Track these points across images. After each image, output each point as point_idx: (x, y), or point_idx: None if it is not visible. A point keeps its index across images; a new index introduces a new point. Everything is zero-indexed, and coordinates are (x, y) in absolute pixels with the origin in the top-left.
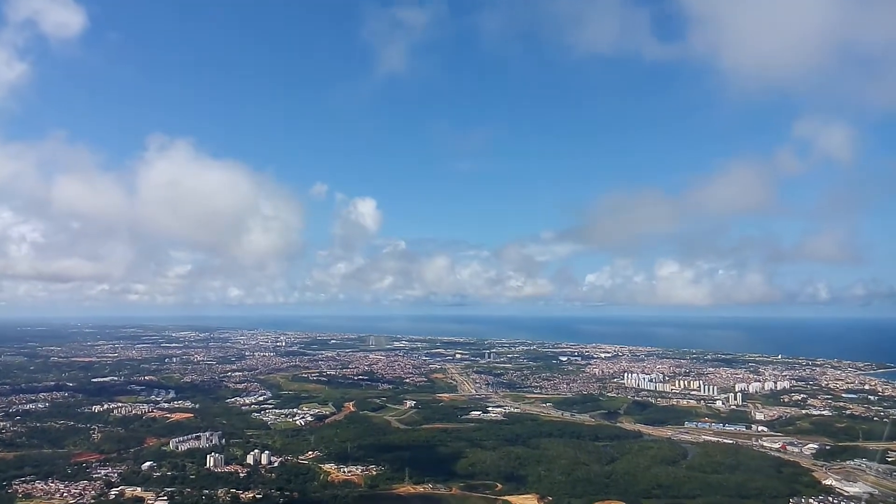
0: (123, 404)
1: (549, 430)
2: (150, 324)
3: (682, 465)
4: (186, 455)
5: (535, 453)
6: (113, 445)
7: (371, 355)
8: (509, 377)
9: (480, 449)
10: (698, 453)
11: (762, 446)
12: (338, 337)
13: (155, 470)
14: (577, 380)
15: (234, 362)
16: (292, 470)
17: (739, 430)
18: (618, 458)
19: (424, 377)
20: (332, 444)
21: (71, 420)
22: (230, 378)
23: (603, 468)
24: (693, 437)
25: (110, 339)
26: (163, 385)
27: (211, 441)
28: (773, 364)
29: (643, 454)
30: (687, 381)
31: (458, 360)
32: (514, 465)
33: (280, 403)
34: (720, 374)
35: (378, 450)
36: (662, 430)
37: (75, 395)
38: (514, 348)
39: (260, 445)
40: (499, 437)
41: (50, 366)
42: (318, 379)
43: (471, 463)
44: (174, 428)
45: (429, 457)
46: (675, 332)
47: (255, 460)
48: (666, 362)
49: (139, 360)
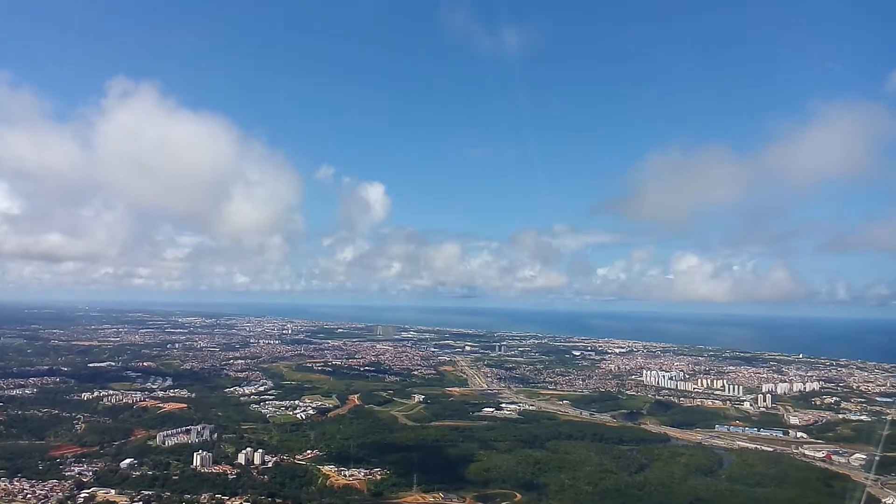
0: (115, 392)
1: (569, 430)
2: (157, 309)
3: (721, 475)
4: (172, 451)
5: (556, 458)
6: (96, 438)
7: (378, 345)
8: (521, 371)
9: (495, 451)
10: (736, 462)
11: (804, 455)
12: (345, 326)
13: (135, 468)
14: (593, 376)
15: (237, 349)
16: (287, 471)
17: (776, 435)
18: (647, 465)
19: (433, 369)
20: (334, 442)
21: (56, 408)
22: (232, 366)
23: (633, 477)
24: (726, 442)
25: (115, 323)
26: (160, 372)
27: (201, 436)
28: (795, 364)
29: (675, 461)
30: (709, 379)
31: (467, 352)
32: (533, 472)
33: (281, 394)
34: (742, 373)
35: (383, 449)
36: (691, 433)
37: (67, 381)
38: (524, 341)
39: (255, 442)
40: (514, 437)
41: (48, 349)
42: (322, 369)
43: (485, 467)
44: (165, 419)
45: (439, 459)
46: (686, 329)
47: (247, 459)
48: (683, 359)
49: (141, 344)
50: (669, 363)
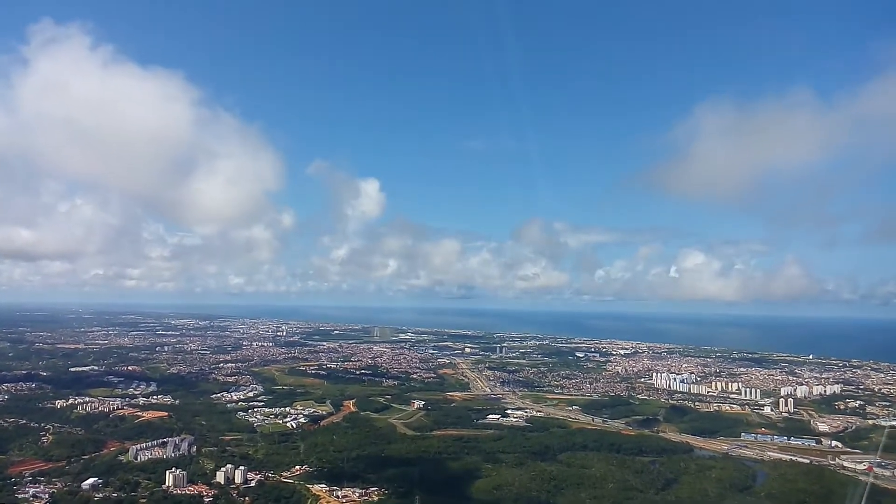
0: (91, 399)
1: (583, 440)
2: (151, 311)
3: (759, 492)
4: (144, 468)
5: (573, 472)
6: (64, 451)
7: (375, 347)
8: (525, 374)
9: (504, 465)
10: (772, 476)
11: (843, 467)
12: (341, 327)
13: (98, 489)
14: (600, 379)
15: (228, 352)
16: (272, 492)
17: (808, 444)
18: (674, 480)
19: (432, 372)
20: (326, 455)
21: (25, 417)
22: (221, 370)
23: (662, 496)
24: (755, 452)
25: (106, 326)
26: (145, 377)
27: (179, 449)
28: (806, 365)
29: (704, 476)
30: (723, 382)
31: (467, 354)
32: (548, 490)
33: (271, 401)
34: (755, 375)
35: (380, 464)
36: (715, 442)
37: (43, 387)
38: (525, 343)
39: (237, 456)
40: (524, 448)
41: (31, 352)
42: (316, 372)
43: (495, 484)
44: (143, 429)
45: (442, 475)
46: (686, 330)
47: (226, 478)
48: (690, 361)
49: (129, 347)
50: (677, 365)
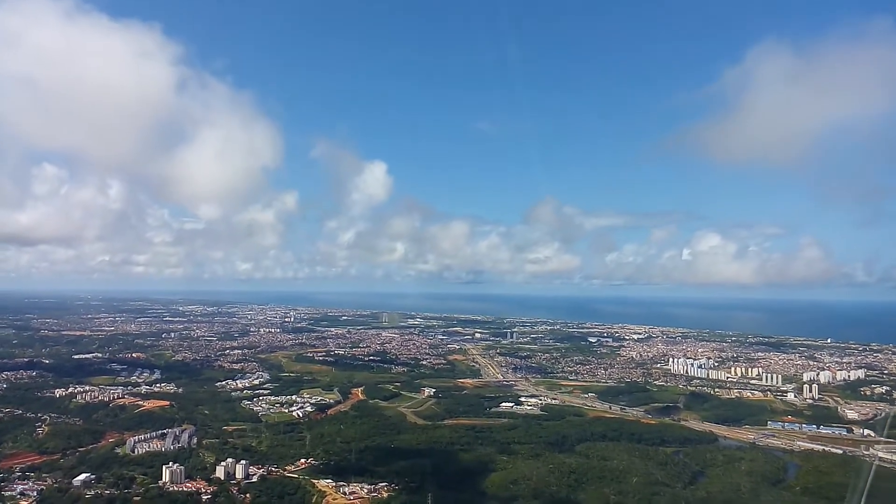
0: (92, 388)
1: (602, 429)
2: (159, 297)
3: (794, 487)
4: (141, 462)
5: (593, 465)
6: (60, 443)
7: (384, 333)
8: (537, 360)
9: (520, 457)
10: (805, 468)
11: (879, 458)
12: (349, 313)
13: (90, 486)
14: (615, 364)
15: (235, 339)
16: (275, 488)
17: (838, 433)
18: (702, 473)
19: (442, 359)
20: (333, 447)
21: (22, 407)
22: (227, 356)
23: (690, 491)
24: (784, 442)
25: (114, 312)
26: (149, 364)
27: (179, 441)
28: (825, 349)
29: (733, 468)
30: (742, 367)
31: (477, 339)
32: (568, 484)
33: (277, 388)
34: (774, 360)
35: (389, 456)
36: (740, 431)
37: (45, 375)
38: (536, 328)
39: (240, 449)
40: (540, 438)
41: (35, 339)
42: (324, 359)
43: (511, 478)
44: (144, 419)
45: (454, 468)
46: (699, 314)
47: (226, 473)
48: (705, 345)
49: (135, 334)
50: (693, 350)
